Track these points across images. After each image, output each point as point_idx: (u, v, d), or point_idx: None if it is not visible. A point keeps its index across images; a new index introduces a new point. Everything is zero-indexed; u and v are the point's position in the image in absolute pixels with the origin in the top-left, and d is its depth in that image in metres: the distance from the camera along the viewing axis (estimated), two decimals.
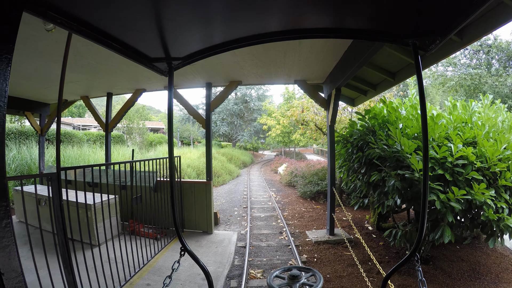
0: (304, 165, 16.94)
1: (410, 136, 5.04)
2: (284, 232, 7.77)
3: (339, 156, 6.65)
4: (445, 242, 4.27)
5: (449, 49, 3.87)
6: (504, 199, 4.53)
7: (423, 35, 1.68)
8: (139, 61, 1.89)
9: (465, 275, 5.26)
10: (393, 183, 4.45)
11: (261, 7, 1.48)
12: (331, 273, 5.30)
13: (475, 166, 4.42)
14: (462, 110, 5.75)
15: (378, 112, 5.94)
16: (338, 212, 9.28)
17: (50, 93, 8.64)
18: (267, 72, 6.65)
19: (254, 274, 5.27)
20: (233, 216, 9.67)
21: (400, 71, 5.65)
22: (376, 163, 5.04)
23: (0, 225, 0.93)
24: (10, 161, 12.12)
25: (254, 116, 44.10)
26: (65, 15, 1.28)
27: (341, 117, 13.42)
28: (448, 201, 4.15)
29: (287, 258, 6.01)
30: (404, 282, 4.96)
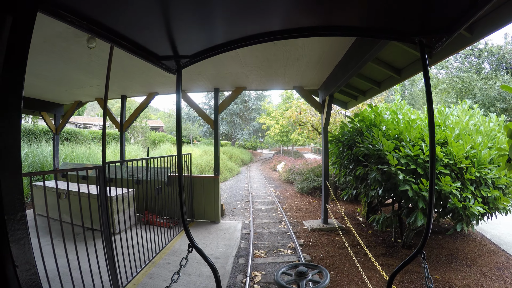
0: (302, 163, 17.86)
1: (391, 137, 5.94)
2: (283, 221, 8.69)
3: (332, 154, 7.56)
4: (418, 225, 5.16)
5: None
6: (470, 190, 5.42)
7: (430, 33, 1.68)
8: (148, 59, 1.91)
9: (443, 259, 6.05)
10: (374, 175, 5.36)
11: (268, 5, 1.50)
12: (324, 254, 6.20)
13: (443, 162, 5.33)
14: (438, 115, 6.66)
15: (365, 116, 6.85)
16: (332, 205, 10.17)
17: (66, 95, 9.48)
18: (269, 80, 7.55)
19: (258, 254, 6.18)
20: (236, 209, 10.59)
21: (384, 81, 6.56)
22: (361, 160, 5.96)
23: (15, 217, 0.94)
24: (23, 159, 12.70)
25: (253, 115, 44.97)
26: (76, 14, 1.30)
27: (335, 118, 14.40)
28: (419, 190, 5.05)
29: (287, 241, 6.92)
30: (387, 262, 5.83)
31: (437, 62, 4.68)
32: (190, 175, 8.20)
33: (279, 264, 5.66)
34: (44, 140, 16.07)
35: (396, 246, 6.53)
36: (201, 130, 46.55)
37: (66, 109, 11.16)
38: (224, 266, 5.44)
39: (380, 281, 4.96)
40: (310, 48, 5.24)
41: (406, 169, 5.26)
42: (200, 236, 7.06)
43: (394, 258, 6.01)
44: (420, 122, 6.28)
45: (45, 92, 8.85)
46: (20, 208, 0.96)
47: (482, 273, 5.44)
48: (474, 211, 5.18)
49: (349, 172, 6.60)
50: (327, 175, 8.11)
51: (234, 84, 8.04)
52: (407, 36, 1.74)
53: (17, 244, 0.92)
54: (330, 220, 8.21)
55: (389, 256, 6.11)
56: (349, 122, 7.02)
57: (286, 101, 26.71)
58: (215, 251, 6.13)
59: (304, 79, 7.49)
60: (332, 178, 10.92)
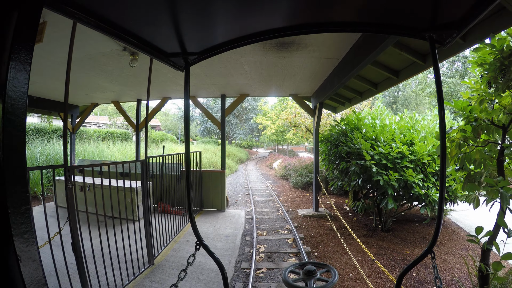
0: (296, 161, 19.27)
1: (370, 138, 7.30)
2: (280, 210, 10.06)
3: (322, 152, 8.92)
4: (389, 208, 6.50)
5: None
6: (431, 181, 6.79)
7: (440, 29, 1.68)
8: (156, 56, 1.91)
9: (415, 241, 7.28)
10: (354, 169, 6.72)
11: (275, 1, 1.50)
12: (314, 233, 7.54)
13: (409, 158, 6.70)
14: (409, 120, 8.03)
15: (350, 120, 8.21)
16: (323, 198, 11.51)
17: (83, 98, 10.63)
18: (269, 89, 8.93)
19: (260, 233, 7.52)
20: (238, 200, 11.94)
21: (365, 92, 7.93)
22: (344, 156, 7.33)
23: (20, 210, 0.92)
24: (38, 156, 13.47)
25: (250, 115, 46.27)
26: (84, 10, 1.30)
27: (326, 121, 15.81)
28: (389, 180, 6.40)
29: (283, 225, 8.28)
30: (367, 240, 7.14)
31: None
32: (200, 170, 9.50)
33: (279, 241, 7.00)
34: (55, 138, 16.89)
35: (376, 230, 7.85)
36: (198, 129, 47.78)
37: (81, 110, 12.33)
38: (234, 241, 6.76)
39: (359, 252, 6.24)
40: (304, 67, 6.60)
41: (379, 163, 6.62)
42: (210, 221, 8.38)
43: (373, 238, 7.32)
44: (395, 125, 7.66)
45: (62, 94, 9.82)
46: (24, 202, 0.94)
47: (447, 252, 6.61)
48: (434, 197, 6.55)
49: (336, 167, 7.97)
50: (318, 170, 9.51)
51: (239, 92, 9.37)
52: (418, 32, 1.75)
53: (20, 238, 0.91)
54: (321, 209, 9.57)
55: (369, 237, 7.42)
56: (336, 125, 8.39)
57: (282, 102, 27.90)
58: (225, 231, 7.45)
59: (299, 89, 8.87)
60: (323, 174, 12.29)
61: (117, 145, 20.41)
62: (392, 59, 5.67)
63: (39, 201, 10.29)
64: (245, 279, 5.09)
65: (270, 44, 5.21)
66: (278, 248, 6.53)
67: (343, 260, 5.92)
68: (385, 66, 6.00)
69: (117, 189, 5.46)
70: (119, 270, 4.48)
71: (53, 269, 3.46)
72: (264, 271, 5.37)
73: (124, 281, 4.54)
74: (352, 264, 5.62)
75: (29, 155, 12.79)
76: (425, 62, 5.06)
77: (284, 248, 6.51)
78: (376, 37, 4.24)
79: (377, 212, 7.91)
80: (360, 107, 17.05)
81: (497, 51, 3.15)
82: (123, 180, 6.31)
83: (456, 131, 3.89)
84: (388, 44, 4.11)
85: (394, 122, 7.88)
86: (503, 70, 3.19)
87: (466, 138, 3.80)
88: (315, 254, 6.19)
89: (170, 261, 5.63)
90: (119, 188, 5.41)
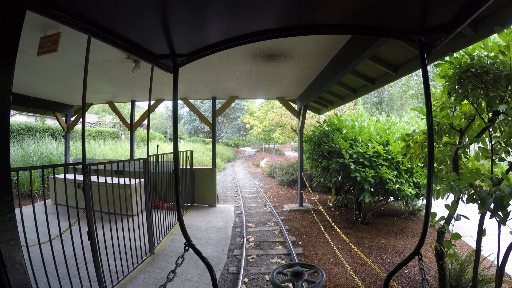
0: (282, 160, 19.98)
1: (349, 138, 8.01)
2: (267, 205, 10.74)
3: (306, 151, 9.62)
4: (366, 201, 7.21)
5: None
6: (404, 177, 7.55)
7: (429, 32, 1.68)
8: (144, 58, 1.89)
9: (392, 233, 7.97)
10: (334, 166, 7.42)
11: (265, 3, 1.50)
12: (299, 225, 8.23)
13: (384, 157, 7.44)
14: (386, 122, 8.79)
15: (332, 121, 8.93)
16: (308, 195, 12.20)
17: (79, 98, 10.93)
18: (257, 92, 9.60)
19: (249, 225, 8.18)
20: (227, 197, 12.57)
21: (346, 96, 8.64)
22: (326, 155, 8.04)
23: (5, 219, 0.93)
24: (32, 154, 13.53)
25: (237, 114, 46.70)
26: (69, 13, 1.27)
27: (310, 122, 16.57)
28: (366, 176, 7.12)
29: (270, 218, 8.96)
30: (347, 231, 7.85)
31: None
32: (192, 168, 10.07)
33: (266, 232, 7.66)
34: (47, 137, 17.02)
35: (356, 223, 8.56)
36: (186, 128, 48.05)
37: (75, 109, 12.62)
38: (226, 233, 7.38)
39: (340, 241, 6.89)
40: (290, 74, 7.28)
41: (357, 161, 7.33)
42: (202, 215, 8.97)
43: (353, 230, 8.01)
44: (373, 127, 8.41)
45: (60, 94, 10.28)
46: (9, 209, 0.94)
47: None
48: (407, 192, 7.29)
49: (318, 165, 8.67)
50: (302, 168, 10.24)
51: (229, 94, 9.98)
52: (406, 34, 1.76)
53: (6, 245, 0.91)
54: (305, 204, 10.28)
55: (350, 229, 8.12)
56: (319, 126, 9.09)
57: (269, 102, 28.45)
58: (217, 224, 8.06)
59: (285, 92, 9.55)
60: (308, 173, 13.00)
61: (108, 144, 20.65)
62: (368, 69, 6.37)
63: (34, 200, 10.66)
64: (238, 263, 5.73)
65: (260, 55, 5.86)
66: (266, 238, 7.19)
67: (325, 248, 6.60)
68: (363, 75, 6.69)
69: (118, 187, 5.80)
70: (126, 259, 5.04)
71: (63, 260, 3.87)
72: (254, 257, 6.03)
73: (130, 267, 5.11)
74: (333, 251, 6.31)
75: (23, 154, 13.01)
76: (397, 73, 5.76)
77: (271, 238, 7.17)
78: (353, 50, 4.92)
79: (357, 206, 8.62)
80: (343, 109, 17.88)
81: (455, 67, 3.81)
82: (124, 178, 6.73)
83: (419, 134, 4.57)
84: (365, 57, 4.75)
85: (372, 124, 8.62)
86: (461, 82, 3.84)
87: None
88: (300, 243, 6.86)
89: (168, 250, 6.21)
90: (118, 186, 5.75)
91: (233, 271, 5.39)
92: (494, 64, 3.49)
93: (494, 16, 3.25)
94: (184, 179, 9.37)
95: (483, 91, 3.52)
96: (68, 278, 3.91)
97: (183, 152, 9.47)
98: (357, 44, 4.77)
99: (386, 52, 5.32)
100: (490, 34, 3.46)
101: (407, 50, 4.93)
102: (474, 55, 3.66)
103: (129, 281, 4.87)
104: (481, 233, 3.72)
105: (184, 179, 9.38)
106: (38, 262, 3.60)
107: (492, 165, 3.81)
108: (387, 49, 5.10)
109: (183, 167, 9.53)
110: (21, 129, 16.96)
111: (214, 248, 6.30)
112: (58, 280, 3.78)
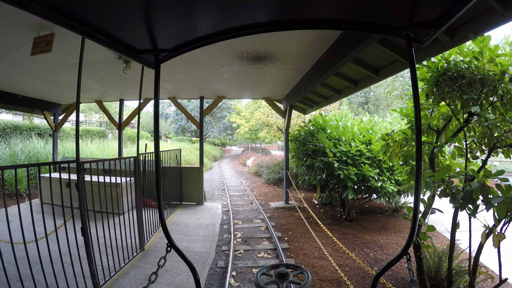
0: (269, 159, 20.22)
1: (333, 138, 8.29)
2: (254, 203, 10.96)
3: (292, 150, 9.87)
4: (349, 198, 7.49)
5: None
6: (386, 175, 7.86)
7: (417, 27, 1.68)
8: (126, 53, 1.85)
9: (375, 229, 8.24)
10: (318, 164, 7.69)
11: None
12: (285, 222, 8.47)
13: (366, 155, 7.74)
14: (369, 122, 9.10)
15: (317, 121, 9.20)
16: (294, 193, 12.47)
17: (67, 97, 11.01)
18: (245, 92, 9.81)
19: (237, 222, 8.38)
20: (214, 195, 12.73)
21: (330, 97, 8.93)
22: (310, 154, 8.30)
23: None
24: (19, 153, 13.31)
25: (224, 113, 46.87)
26: (47, 5, 1.23)
27: (296, 121, 16.89)
28: (349, 174, 7.40)
29: (257, 215, 9.18)
30: (332, 228, 8.11)
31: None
32: (179, 166, 10.21)
33: (253, 228, 7.87)
34: (34, 136, 16.71)
35: (341, 220, 8.83)
36: (173, 127, 47.92)
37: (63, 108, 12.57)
38: (214, 229, 7.56)
39: (324, 237, 7.15)
40: (276, 75, 7.51)
41: (340, 160, 7.61)
42: (190, 213, 9.13)
43: (338, 226, 8.28)
44: (356, 127, 8.71)
45: (48, 93, 10.29)
46: None
47: (402, 237, 7.55)
48: (389, 189, 7.61)
49: (303, 163, 8.93)
50: (288, 167, 10.52)
51: (217, 94, 10.15)
52: (395, 30, 1.75)
53: None
54: (291, 202, 10.54)
55: (334, 225, 8.39)
56: (304, 126, 9.35)
57: (255, 102, 28.59)
58: (205, 221, 8.24)
59: (271, 92, 9.78)
60: (294, 171, 13.28)
61: (95, 143, 20.53)
62: (352, 71, 6.64)
63: (22, 199, 10.62)
64: (226, 258, 5.92)
65: (247, 57, 6.07)
66: (253, 234, 7.40)
67: (310, 243, 6.84)
68: (346, 77, 6.97)
69: (110, 185, 5.89)
70: (117, 255, 5.18)
71: (57, 257, 3.99)
72: (241, 252, 6.24)
73: (121, 263, 5.25)
74: (317, 246, 6.55)
75: (10, 153, 12.89)
76: (378, 75, 6.03)
77: (258, 234, 7.39)
78: (336, 54, 5.17)
79: (341, 204, 8.90)
80: (329, 109, 18.24)
81: (432, 71, 4.06)
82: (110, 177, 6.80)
83: (398, 133, 4.84)
84: (347, 61, 5.00)
85: (356, 124, 8.93)
86: (438, 85, 4.10)
87: (407, 139, 4.75)
88: (285, 239, 7.10)
89: (158, 246, 6.35)
90: (110, 184, 5.84)
91: (221, 265, 5.58)
92: (469, 68, 3.74)
93: (469, 24, 3.50)
94: (172, 177, 9.49)
95: (458, 93, 3.77)
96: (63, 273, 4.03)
97: (171, 151, 9.59)
98: (339, 48, 5.03)
99: (368, 56, 5.59)
100: (465, 41, 3.69)
101: (387, 54, 5.19)
102: (451, 60, 3.89)
103: (121, 276, 5.01)
104: (455, 226, 4.01)
105: (172, 178, 9.50)
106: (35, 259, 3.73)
107: (466, 163, 4.07)
108: (368, 53, 5.35)
109: (172, 165, 9.64)
110: (8, 127, 16.71)
111: (203, 244, 6.47)
112: (54, 276, 3.88)
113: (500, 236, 3.18)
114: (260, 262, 5.79)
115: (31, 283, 3.85)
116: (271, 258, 6.03)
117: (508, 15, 2.95)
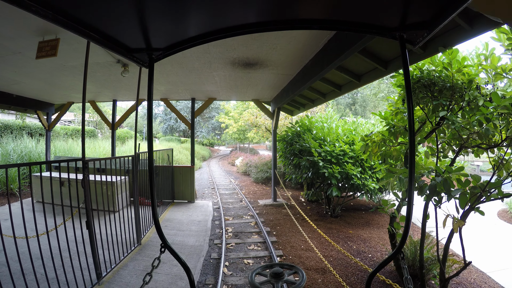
0: (257, 158, 20.69)
1: (319, 138, 8.80)
2: (243, 200, 11.42)
3: (280, 150, 10.36)
4: (333, 195, 8.00)
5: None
6: (368, 173, 8.40)
7: (410, 28, 1.67)
8: (119, 52, 1.83)
9: (359, 224, 8.73)
10: (304, 163, 8.18)
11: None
12: (273, 218, 8.94)
13: (349, 155, 8.26)
14: (352, 124, 9.64)
15: (303, 123, 9.70)
16: (282, 191, 12.93)
17: (60, 96, 11.22)
18: (235, 94, 10.27)
19: (227, 218, 8.82)
20: (205, 194, 13.14)
21: (317, 100, 9.42)
22: (297, 153, 8.79)
23: None
24: (11, 153, 13.32)
25: (212, 114, 47.07)
26: (39, 2, 1.22)
27: (284, 122, 17.41)
28: (333, 172, 7.90)
29: (246, 212, 9.63)
30: (318, 223, 8.59)
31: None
32: (172, 165, 10.58)
33: (243, 223, 8.32)
34: (25, 135, 16.65)
35: (326, 216, 9.32)
36: (161, 127, 47.94)
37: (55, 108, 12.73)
38: (206, 225, 7.98)
39: (310, 231, 7.60)
40: (265, 80, 7.98)
41: (325, 159, 8.12)
42: (182, 210, 9.52)
43: (323, 222, 8.74)
44: (341, 128, 9.23)
45: (42, 93, 10.47)
46: None
47: (384, 232, 7.96)
48: (370, 186, 8.13)
49: (290, 162, 9.42)
50: (276, 166, 11.04)
51: (208, 96, 10.56)
52: (388, 31, 1.75)
53: None
54: (279, 199, 11.02)
55: (320, 221, 8.87)
56: (292, 127, 9.85)
57: (244, 102, 28.88)
58: (197, 218, 8.64)
59: (260, 95, 10.26)
60: (282, 170, 13.76)
61: (86, 143, 20.52)
62: (336, 77, 7.12)
63: (15, 198, 10.79)
64: (219, 250, 6.36)
65: (239, 63, 6.52)
66: (243, 229, 7.85)
67: (297, 237, 7.32)
68: (331, 82, 7.44)
69: (106, 184, 6.19)
70: (117, 249, 5.55)
71: (58, 252, 4.31)
72: (233, 245, 6.69)
73: (121, 257, 5.62)
74: (304, 239, 7.03)
75: (2, 153, 12.98)
76: (360, 81, 6.53)
77: (248, 229, 7.84)
78: (320, 62, 5.66)
79: (326, 201, 9.40)
80: (315, 110, 18.79)
81: None
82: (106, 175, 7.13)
83: (376, 135, 5.32)
84: (331, 68, 5.47)
85: (340, 125, 9.45)
86: (413, 91, 4.57)
87: (384, 140, 5.23)
88: (274, 233, 7.57)
89: (154, 241, 6.73)
90: (103, 183, 6.07)
91: (215, 257, 6.01)
92: (440, 77, 4.22)
93: (440, 38, 3.90)
94: (164, 176, 9.79)
95: (431, 99, 4.26)
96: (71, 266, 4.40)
97: (164, 151, 9.94)
98: (324, 57, 5.52)
99: (350, 64, 6.08)
100: (436, 53, 4.07)
101: (367, 63, 5.68)
102: (424, 69, 4.38)
103: (121, 268, 5.38)
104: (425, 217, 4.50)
105: (164, 177, 9.82)
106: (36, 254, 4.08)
107: (437, 161, 4.56)
108: (351, 61, 5.83)
109: (164, 165, 9.95)
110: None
111: (196, 238, 6.89)
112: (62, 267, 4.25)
113: (459, 222, 3.70)
114: (251, 253, 6.24)
115: (36, 276, 4.15)
116: (261, 250, 6.49)
117: (473, 32, 3.42)
